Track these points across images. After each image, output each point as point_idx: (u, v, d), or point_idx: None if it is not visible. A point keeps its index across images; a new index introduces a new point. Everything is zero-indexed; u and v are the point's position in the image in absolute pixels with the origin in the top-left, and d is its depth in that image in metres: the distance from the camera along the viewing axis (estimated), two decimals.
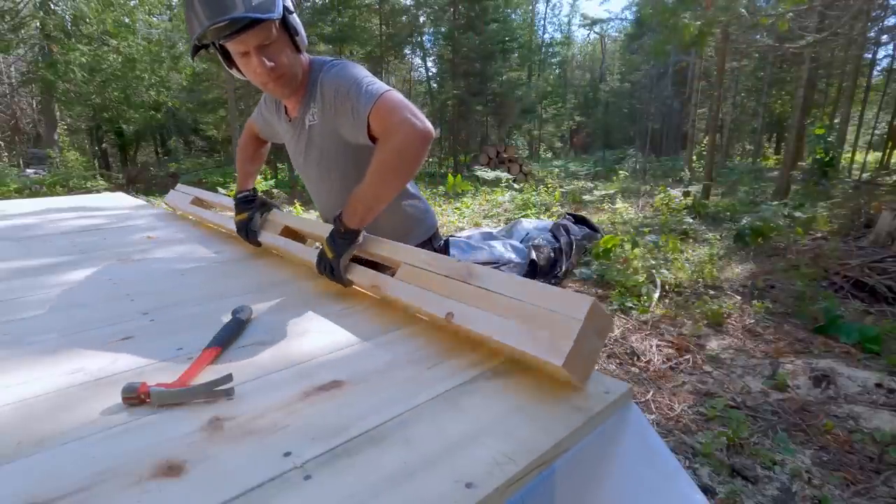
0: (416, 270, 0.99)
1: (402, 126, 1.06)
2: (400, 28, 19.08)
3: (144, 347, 0.88)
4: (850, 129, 15.49)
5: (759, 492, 1.94)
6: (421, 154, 1.09)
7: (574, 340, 0.68)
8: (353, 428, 0.64)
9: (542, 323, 0.73)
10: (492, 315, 0.81)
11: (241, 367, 0.81)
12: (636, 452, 0.70)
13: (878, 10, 9.68)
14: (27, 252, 1.56)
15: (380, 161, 1.08)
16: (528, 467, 0.57)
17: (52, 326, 0.98)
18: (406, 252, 1.06)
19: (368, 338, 0.92)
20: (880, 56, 14.41)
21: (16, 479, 0.55)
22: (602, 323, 0.72)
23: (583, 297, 0.72)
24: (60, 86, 13.39)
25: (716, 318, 3.56)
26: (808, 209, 7.04)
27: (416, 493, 0.52)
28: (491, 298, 0.82)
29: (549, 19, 32.11)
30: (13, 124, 16.43)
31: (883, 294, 3.92)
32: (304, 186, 9.07)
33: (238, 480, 0.54)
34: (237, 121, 13.70)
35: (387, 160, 1.07)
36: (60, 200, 2.72)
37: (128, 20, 13.68)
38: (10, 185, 9.74)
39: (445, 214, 8.41)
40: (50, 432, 0.63)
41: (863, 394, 2.61)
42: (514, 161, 13.93)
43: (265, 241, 1.48)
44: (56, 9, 13.19)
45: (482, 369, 0.79)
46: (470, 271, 0.88)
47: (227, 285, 1.23)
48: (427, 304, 0.92)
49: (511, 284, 0.82)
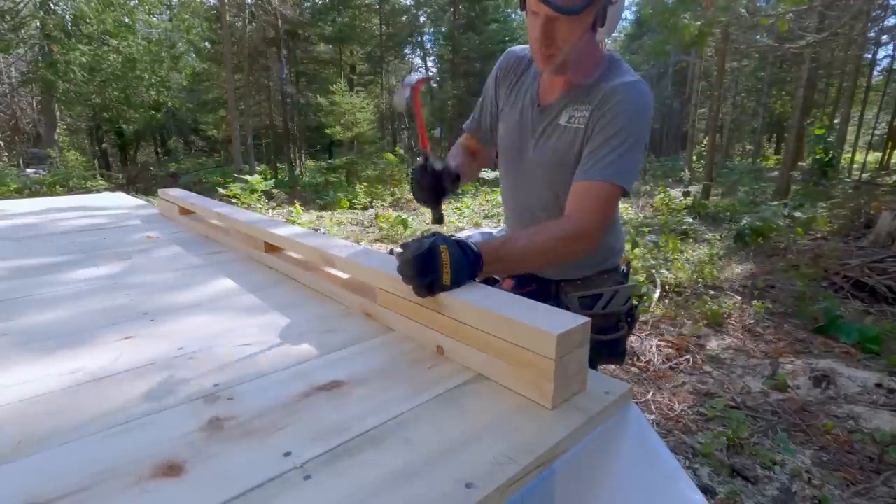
0: (391, 297, 0.95)
1: (590, 221, 1.01)
2: (400, 28, 19.10)
3: (144, 347, 0.88)
4: (850, 130, 15.49)
5: (759, 492, 1.94)
6: (577, 254, 1.07)
7: (553, 379, 0.66)
8: (353, 428, 0.64)
9: (519, 359, 0.70)
10: (473, 350, 0.78)
11: (241, 366, 0.81)
12: (636, 453, 0.70)
13: (878, 10, 9.68)
14: (27, 252, 1.56)
15: (553, 236, 1.01)
16: (528, 467, 0.57)
17: (52, 326, 0.98)
18: (377, 276, 0.98)
19: (368, 338, 0.92)
20: (880, 56, 14.44)
21: (16, 479, 0.55)
22: (576, 337, 0.68)
23: (547, 333, 0.66)
24: (60, 86, 13.40)
25: (716, 318, 3.56)
26: (808, 209, 7.04)
27: (416, 493, 0.52)
28: (465, 330, 0.79)
29: None
30: (13, 124, 16.43)
31: (883, 294, 3.92)
32: (304, 187, 8.98)
33: (238, 480, 0.54)
34: (237, 121, 13.71)
35: (557, 240, 1.01)
36: (60, 200, 2.71)
37: (128, 20, 13.69)
38: (10, 184, 9.74)
39: (445, 214, 8.41)
40: (50, 432, 0.63)
41: (863, 394, 2.61)
42: None
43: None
44: (56, 9, 13.20)
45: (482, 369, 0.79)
46: (438, 302, 0.83)
47: (227, 285, 1.23)
48: (415, 333, 0.90)
49: (480, 315, 0.76)
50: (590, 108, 1.07)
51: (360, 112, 13.70)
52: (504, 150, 1.30)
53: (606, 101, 1.04)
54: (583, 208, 1.03)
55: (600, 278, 1.26)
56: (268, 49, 15.88)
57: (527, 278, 1.28)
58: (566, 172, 1.12)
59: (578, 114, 1.10)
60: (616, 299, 1.23)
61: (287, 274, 1.30)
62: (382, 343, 0.90)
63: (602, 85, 1.08)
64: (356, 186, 10.52)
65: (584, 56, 1.07)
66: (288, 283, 1.24)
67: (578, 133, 1.10)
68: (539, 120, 1.18)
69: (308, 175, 15.72)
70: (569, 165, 1.12)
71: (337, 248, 1.13)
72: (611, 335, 1.23)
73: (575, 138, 1.10)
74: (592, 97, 1.08)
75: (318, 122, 15.54)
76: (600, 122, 1.04)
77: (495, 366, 0.75)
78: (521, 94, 1.24)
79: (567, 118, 1.12)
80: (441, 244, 0.83)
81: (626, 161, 1.02)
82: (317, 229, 6.60)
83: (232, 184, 8.53)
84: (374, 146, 14.92)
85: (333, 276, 1.17)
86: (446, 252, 0.83)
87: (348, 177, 12.60)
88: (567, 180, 1.11)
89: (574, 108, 1.11)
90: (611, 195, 1.02)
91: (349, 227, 7.66)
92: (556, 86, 1.16)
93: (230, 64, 13.13)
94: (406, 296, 0.89)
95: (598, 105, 1.06)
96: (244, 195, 7.97)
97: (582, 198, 1.03)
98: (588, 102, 1.09)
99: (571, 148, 1.11)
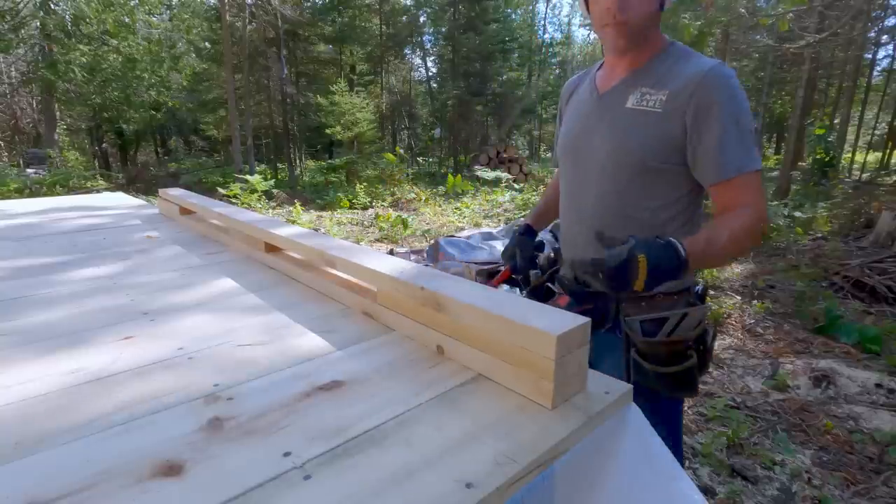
0: (392, 296, 0.94)
1: (761, 210, 0.99)
2: (400, 28, 19.10)
3: (144, 347, 0.88)
4: (850, 130, 15.49)
5: (759, 492, 1.94)
6: (759, 241, 1.04)
7: (553, 379, 0.66)
8: (353, 428, 0.64)
9: (519, 359, 0.70)
10: (473, 350, 0.78)
11: (241, 366, 0.81)
12: (636, 453, 0.70)
13: (878, 10, 9.68)
14: (27, 251, 1.56)
15: (742, 226, 0.96)
16: (528, 467, 0.57)
17: (52, 326, 0.98)
18: (377, 276, 0.97)
19: (368, 338, 0.92)
20: (880, 56, 14.44)
21: (16, 479, 0.55)
22: (576, 337, 0.68)
23: (547, 333, 0.66)
24: (60, 86, 13.40)
25: (716, 318, 3.56)
26: (808, 209, 7.04)
27: (416, 493, 0.52)
28: (465, 330, 0.79)
29: (549, 19, 32.18)
30: (13, 124, 16.44)
31: (883, 294, 3.92)
32: (304, 187, 8.97)
33: (238, 480, 0.54)
34: (237, 121, 13.71)
35: (747, 230, 0.96)
36: (60, 200, 2.71)
37: (128, 20, 13.69)
38: (10, 184, 9.74)
39: (445, 214, 8.41)
40: (50, 432, 0.63)
41: (863, 394, 2.61)
42: (514, 161, 13.93)
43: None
44: (56, 9, 13.20)
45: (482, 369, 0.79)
46: (437, 301, 0.82)
47: (227, 285, 1.23)
48: (416, 333, 0.90)
49: (480, 315, 0.75)
50: (668, 92, 1.02)
51: (360, 112, 13.70)
52: (564, 154, 1.24)
53: (707, 86, 0.99)
54: (744, 202, 0.98)
55: (668, 299, 1.11)
56: (268, 49, 15.87)
57: (585, 296, 1.13)
58: (632, 162, 1.06)
59: (651, 97, 1.04)
60: (685, 323, 1.07)
61: (287, 274, 1.30)
62: (383, 343, 0.90)
63: (679, 69, 1.03)
64: (356, 186, 10.52)
65: (650, 34, 1.05)
66: (288, 283, 1.24)
67: (652, 116, 1.04)
68: (601, 107, 1.13)
69: (308, 175, 15.73)
70: (635, 153, 1.06)
71: (337, 248, 1.13)
72: (674, 366, 1.04)
73: (647, 121, 1.04)
74: (668, 80, 1.03)
75: (318, 122, 15.53)
76: (710, 111, 0.98)
77: (495, 366, 0.75)
78: (579, 98, 1.22)
79: (635, 100, 1.06)
80: (640, 252, 0.82)
81: (750, 142, 1.00)
82: (317, 229, 6.59)
83: (232, 184, 8.54)
84: (374, 146, 14.92)
85: (333, 276, 1.17)
86: (644, 262, 0.82)
87: (348, 177, 12.60)
88: (631, 173, 1.07)
89: (642, 91, 1.06)
90: (758, 181, 1.00)
91: (349, 227, 7.66)
92: (616, 71, 1.12)
93: (230, 64, 13.13)
94: (406, 296, 0.89)
95: (693, 90, 0.99)
96: (244, 195, 7.97)
97: (747, 189, 0.99)
98: (662, 87, 1.03)
99: (640, 130, 1.05)
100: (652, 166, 1.06)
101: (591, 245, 1.14)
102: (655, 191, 1.08)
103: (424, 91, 21.10)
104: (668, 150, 1.04)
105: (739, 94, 1.00)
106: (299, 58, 17.29)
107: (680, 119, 1.01)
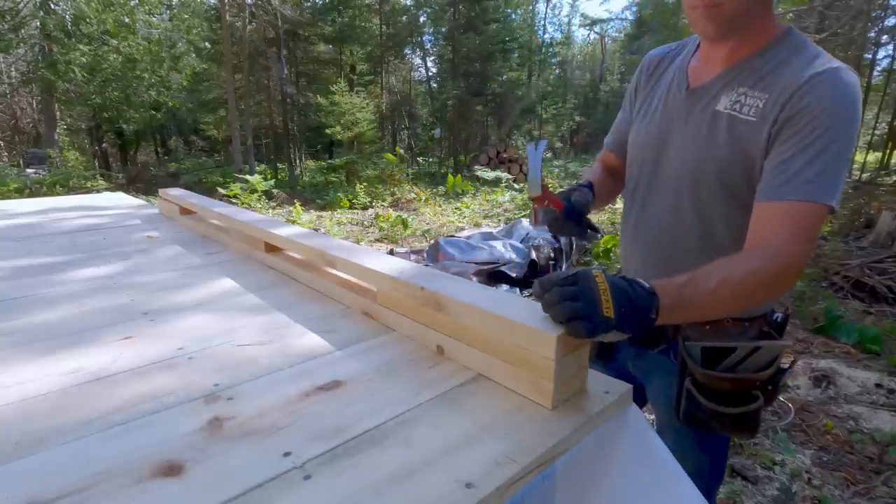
0: (392, 296, 0.94)
1: (794, 251, 0.77)
2: (400, 28, 19.10)
3: (144, 347, 0.88)
4: None
5: (759, 492, 1.94)
6: (778, 295, 0.86)
7: (553, 379, 0.66)
8: (353, 428, 0.64)
9: (519, 359, 0.71)
10: (473, 350, 0.78)
11: (241, 366, 0.81)
12: (636, 453, 0.70)
13: (878, 10, 9.68)
14: (27, 251, 1.56)
15: (751, 269, 0.76)
16: (528, 467, 0.57)
17: (52, 326, 0.98)
18: (377, 276, 0.96)
19: (368, 337, 0.92)
20: (880, 56, 14.40)
21: (16, 479, 0.55)
22: (573, 342, 0.67)
23: (547, 334, 0.65)
24: (60, 86, 13.40)
25: None
26: None
27: (416, 493, 0.52)
28: (465, 330, 0.79)
29: (549, 19, 32.12)
30: (13, 124, 16.44)
31: (883, 294, 3.92)
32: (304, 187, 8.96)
33: (238, 480, 0.54)
34: (237, 121, 13.71)
35: (759, 274, 0.76)
36: (60, 200, 2.71)
37: (128, 20, 13.70)
38: (10, 184, 9.74)
39: (445, 214, 8.41)
40: (50, 432, 0.63)
41: (863, 394, 2.61)
42: (514, 161, 13.94)
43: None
44: (56, 9, 13.20)
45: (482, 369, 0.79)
46: (437, 301, 0.82)
47: (227, 285, 1.23)
48: (416, 333, 0.90)
49: (480, 315, 0.74)
50: (767, 98, 0.82)
51: (360, 112, 13.70)
52: (632, 163, 1.06)
53: (804, 93, 0.79)
54: (779, 234, 0.77)
55: (738, 326, 0.93)
56: (268, 49, 15.88)
57: None
58: (710, 180, 0.88)
59: (749, 101, 0.84)
60: (754, 359, 0.87)
61: (287, 274, 1.30)
62: (383, 343, 0.90)
63: (786, 68, 0.83)
64: (356, 186, 10.53)
65: (755, 18, 0.84)
66: (288, 283, 1.24)
67: (743, 127, 0.84)
68: (688, 105, 0.93)
69: (308, 175, 15.73)
70: (726, 170, 0.87)
71: (337, 248, 1.13)
72: (735, 408, 0.86)
73: (739, 132, 0.84)
74: (771, 82, 0.83)
75: (318, 122, 15.53)
76: (794, 121, 0.79)
77: (495, 366, 0.75)
78: (661, 91, 1.01)
79: (729, 103, 0.87)
80: (594, 270, 0.67)
81: (831, 172, 0.77)
82: (317, 229, 6.59)
83: (232, 184, 8.55)
84: (374, 146, 14.92)
85: (333, 276, 1.17)
86: (602, 278, 0.66)
87: (348, 177, 12.60)
88: (722, 195, 0.88)
89: (740, 92, 0.86)
90: (815, 217, 0.78)
91: (349, 227, 7.66)
92: (713, 62, 0.92)
93: (230, 64, 13.13)
94: (406, 296, 0.89)
95: (788, 98, 0.80)
96: (244, 195, 7.98)
97: (777, 221, 0.78)
98: (763, 89, 0.83)
99: (726, 141, 0.86)
100: (734, 185, 0.87)
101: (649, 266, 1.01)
102: (739, 215, 0.87)
103: (424, 91, 21.10)
104: (754, 171, 0.84)
105: (848, 110, 0.78)
106: (299, 58, 17.29)
107: (769, 132, 0.82)
